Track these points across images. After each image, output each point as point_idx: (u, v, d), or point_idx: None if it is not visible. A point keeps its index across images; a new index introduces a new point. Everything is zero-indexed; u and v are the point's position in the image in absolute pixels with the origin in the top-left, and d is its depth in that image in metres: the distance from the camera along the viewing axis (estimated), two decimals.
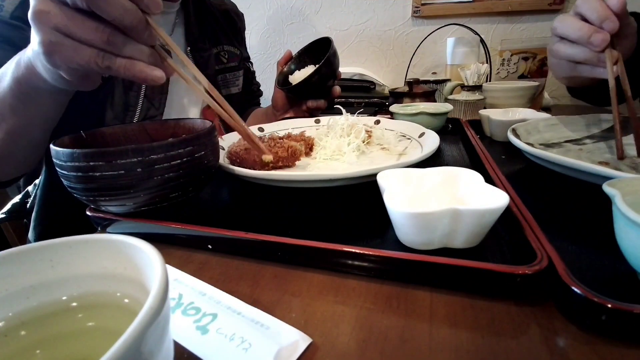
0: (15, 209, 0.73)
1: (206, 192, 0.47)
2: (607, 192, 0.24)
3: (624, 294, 0.22)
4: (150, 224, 0.35)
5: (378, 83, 1.14)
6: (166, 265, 0.16)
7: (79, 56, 0.30)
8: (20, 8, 0.51)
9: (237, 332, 0.22)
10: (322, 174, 0.37)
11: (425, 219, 0.26)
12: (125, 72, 0.32)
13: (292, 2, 1.35)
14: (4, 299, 0.18)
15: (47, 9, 0.29)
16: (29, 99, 0.38)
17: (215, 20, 0.80)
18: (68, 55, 0.30)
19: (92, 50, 0.30)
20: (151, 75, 0.32)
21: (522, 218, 0.29)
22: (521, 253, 0.27)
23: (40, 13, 0.29)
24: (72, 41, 0.29)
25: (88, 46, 0.30)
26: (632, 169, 0.40)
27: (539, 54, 0.92)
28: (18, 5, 0.51)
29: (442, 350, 0.21)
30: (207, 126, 0.39)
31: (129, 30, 0.30)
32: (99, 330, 0.19)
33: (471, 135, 0.57)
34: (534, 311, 0.23)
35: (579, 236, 0.31)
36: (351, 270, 0.28)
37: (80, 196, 0.34)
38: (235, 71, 0.85)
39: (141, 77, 0.32)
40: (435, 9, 1.20)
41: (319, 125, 0.67)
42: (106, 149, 0.31)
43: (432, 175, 0.33)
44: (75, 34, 0.29)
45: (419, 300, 0.25)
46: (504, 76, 0.97)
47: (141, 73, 0.32)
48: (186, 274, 0.28)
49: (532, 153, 0.41)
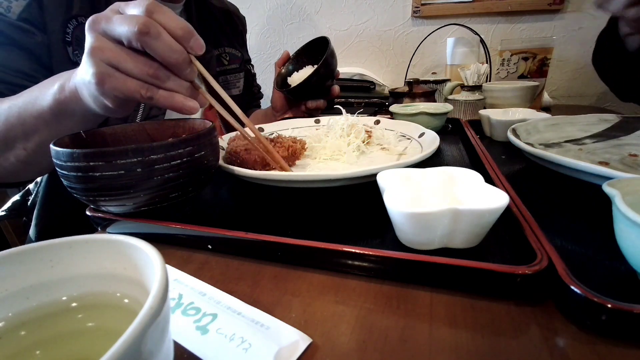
0: (15, 206, 0.74)
1: (206, 192, 0.47)
2: (607, 192, 0.24)
3: (624, 294, 0.22)
4: (150, 224, 0.35)
5: (378, 83, 1.14)
6: (166, 265, 0.16)
7: (127, 87, 0.33)
8: (28, 10, 0.52)
9: (237, 332, 0.22)
10: (322, 174, 0.37)
11: (425, 219, 0.26)
12: (164, 103, 0.35)
13: (292, 2, 1.35)
14: (4, 299, 0.18)
15: (103, 46, 0.32)
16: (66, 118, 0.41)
17: (217, 22, 0.81)
18: (117, 86, 0.33)
19: (138, 83, 0.34)
20: (187, 106, 0.36)
21: (522, 218, 0.29)
22: (521, 253, 0.27)
23: (96, 49, 0.32)
24: (121, 74, 0.33)
25: (135, 79, 0.33)
26: (632, 169, 0.40)
27: (539, 54, 0.92)
28: (25, 7, 0.52)
29: (442, 350, 0.21)
30: (207, 126, 0.39)
31: (174, 67, 0.34)
32: (99, 330, 0.19)
33: (471, 135, 0.57)
34: (534, 311, 0.23)
35: (579, 236, 0.31)
36: (351, 270, 0.28)
37: (80, 196, 0.34)
38: (236, 73, 0.86)
39: (178, 107, 0.35)
40: (435, 9, 1.20)
41: (318, 125, 0.67)
42: (106, 149, 0.31)
43: (432, 175, 0.33)
44: (125, 68, 0.33)
45: (419, 300, 0.25)
46: (504, 76, 0.97)
47: (178, 104, 0.35)
48: (186, 274, 0.28)
49: (532, 153, 0.41)
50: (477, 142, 0.53)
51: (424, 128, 0.54)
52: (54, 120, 0.41)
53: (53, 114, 0.40)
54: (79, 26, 0.55)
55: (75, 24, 0.55)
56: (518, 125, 0.50)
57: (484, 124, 0.65)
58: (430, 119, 0.65)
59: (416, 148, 0.51)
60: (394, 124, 0.61)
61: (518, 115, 0.63)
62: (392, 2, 1.25)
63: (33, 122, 0.41)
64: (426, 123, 0.60)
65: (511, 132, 0.48)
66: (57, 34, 0.54)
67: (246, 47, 0.96)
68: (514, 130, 0.48)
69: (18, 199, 0.74)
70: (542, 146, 0.48)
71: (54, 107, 0.39)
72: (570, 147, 0.49)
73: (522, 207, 0.31)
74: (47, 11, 0.54)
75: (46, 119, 0.41)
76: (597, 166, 0.33)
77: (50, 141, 0.40)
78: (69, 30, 0.55)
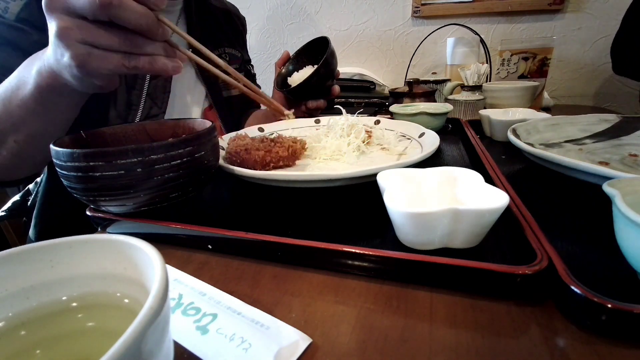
0: (15, 206, 0.74)
1: (206, 192, 0.47)
2: (607, 192, 0.24)
3: (624, 294, 0.22)
4: (150, 224, 0.35)
5: (378, 83, 1.14)
6: (166, 265, 0.16)
7: (109, 62, 0.33)
8: (26, 9, 0.51)
9: (237, 332, 0.22)
10: (322, 174, 0.37)
11: (425, 219, 0.26)
12: (149, 68, 0.35)
13: (292, 2, 1.35)
14: (4, 299, 0.18)
15: (70, 25, 0.31)
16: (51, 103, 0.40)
17: (217, 22, 0.81)
18: (99, 64, 0.33)
19: (118, 55, 0.33)
20: (171, 66, 0.36)
21: (522, 218, 0.29)
22: (521, 253, 0.27)
23: (64, 29, 0.31)
24: (99, 50, 0.33)
25: (114, 52, 0.33)
26: (632, 169, 0.40)
27: (539, 54, 0.92)
28: (23, 6, 0.51)
29: (442, 350, 0.21)
30: (207, 126, 0.39)
31: (146, 31, 0.34)
32: (99, 331, 0.19)
33: (471, 135, 0.57)
34: (534, 311, 0.23)
35: (579, 236, 0.31)
36: (351, 270, 0.28)
37: (80, 196, 0.34)
38: None
39: (164, 69, 0.36)
40: (435, 9, 1.20)
41: (319, 125, 0.67)
42: (106, 149, 0.31)
43: (432, 175, 0.33)
44: (101, 43, 0.32)
45: (419, 300, 0.25)
46: (504, 76, 0.97)
47: (164, 66, 0.36)
48: (186, 274, 0.28)
49: (532, 153, 0.41)
50: (477, 142, 0.53)
51: (424, 128, 0.54)
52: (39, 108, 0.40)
53: (37, 101, 0.39)
54: None
55: None
56: (518, 125, 0.50)
57: (484, 124, 0.65)
58: (430, 119, 0.65)
59: (416, 148, 0.51)
60: (394, 124, 0.61)
61: (518, 115, 0.63)
62: (392, 2, 1.25)
63: (19, 113, 0.40)
64: (426, 123, 0.60)
65: (511, 132, 0.48)
66: None
67: (246, 47, 0.96)
68: (514, 130, 0.48)
69: (18, 199, 0.74)
70: (542, 146, 0.48)
71: (36, 94, 0.38)
72: (570, 147, 0.49)
73: (522, 207, 0.31)
74: None
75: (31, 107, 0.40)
76: (597, 166, 0.33)
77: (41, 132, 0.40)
78: None
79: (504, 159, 0.52)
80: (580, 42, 1.11)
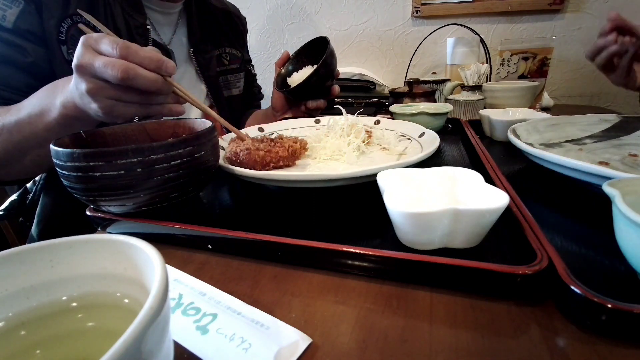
0: (13, 206, 0.74)
1: (206, 192, 0.47)
2: (607, 192, 0.24)
3: (624, 294, 0.22)
4: (150, 224, 0.35)
5: (378, 83, 1.14)
6: (166, 265, 0.16)
7: (128, 112, 0.43)
8: (22, 17, 0.53)
9: (237, 332, 0.22)
10: (322, 174, 0.37)
11: (425, 219, 0.26)
12: (160, 113, 0.45)
13: (292, 2, 1.35)
14: (4, 299, 0.18)
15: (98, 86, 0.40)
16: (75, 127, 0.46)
17: (217, 22, 0.81)
18: (121, 113, 0.42)
19: (136, 105, 0.43)
20: (176, 111, 0.46)
21: (522, 218, 0.29)
22: (521, 253, 0.27)
23: (93, 89, 0.40)
24: (122, 104, 0.42)
25: (133, 104, 0.42)
26: (632, 169, 0.40)
27: (539, 54, 0.92)
28: (19, 14, 0.53)
29: (442, 350, 0.21)
30: (207, 126, 0.39)
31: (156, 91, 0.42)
32: (99, 330, 0.19)
33: (471, 135, 0.57)
34: (534, 311, 0.23)
35: (579, 236, 0.31)
36: (351, 270, 0.28)
37: (80, 196, 0.34)
38: (237, 73, 0.86)
39: (170, 114, 0.45)
40: (435, 9, 1.20)
41: (318, 125, 0.67)
42: (106, 149, 0.31)
43: (432, 175, 0.33)
44: (124, 99, 0.41)
45: (419, 300, 0.25)
46: (504, 76, 0.97)
47: (169, 112, 0.45)
48: (186, 274, 0.28)
49: (532, 153, 0.41)
50: (477, 142, 0.53)
51: (424, 128, 0.54)
52: (63, 130, 0.47)
53: (62, 126, 0.47)
54: (73, 25, 0.56)
55: (69, 22, 0.56)
56: (518, 125, 0.50)
57: (484, 124, 0.65)
58: (430, 119, 0.65)
59: (416, 148, 0.51)
60: (394, 124, 0.61)
61: (518, 115, 0.63)
62: (392, 2, 1.25)
63: (44, 135, 0.48)
64: (426, 123, 0.60)
65: (511, 132, 0.48)
66: (52, 33, 0.54)
67: (246, 47, 0.96)
68: (514, 130, 0.48)
69: (16, 199, 0.74)
70: (542, 146, 0.48)
71: (62, 120, 0.46)
72: (570, 147, 0.49)
73: (522, 207, 0.31)
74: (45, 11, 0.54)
75: (56, 130, 0.47)
76: (597, 166, 0.33)
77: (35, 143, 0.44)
78: (63, 29, 0.55)
79: (504, 159, 0.52)
80: (580, 42, 1.11)
